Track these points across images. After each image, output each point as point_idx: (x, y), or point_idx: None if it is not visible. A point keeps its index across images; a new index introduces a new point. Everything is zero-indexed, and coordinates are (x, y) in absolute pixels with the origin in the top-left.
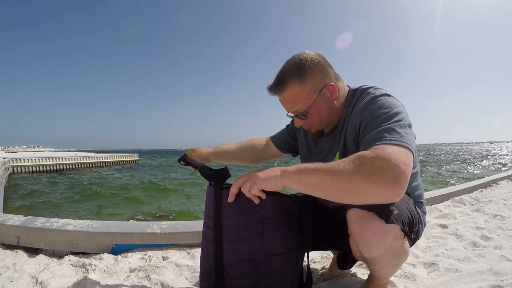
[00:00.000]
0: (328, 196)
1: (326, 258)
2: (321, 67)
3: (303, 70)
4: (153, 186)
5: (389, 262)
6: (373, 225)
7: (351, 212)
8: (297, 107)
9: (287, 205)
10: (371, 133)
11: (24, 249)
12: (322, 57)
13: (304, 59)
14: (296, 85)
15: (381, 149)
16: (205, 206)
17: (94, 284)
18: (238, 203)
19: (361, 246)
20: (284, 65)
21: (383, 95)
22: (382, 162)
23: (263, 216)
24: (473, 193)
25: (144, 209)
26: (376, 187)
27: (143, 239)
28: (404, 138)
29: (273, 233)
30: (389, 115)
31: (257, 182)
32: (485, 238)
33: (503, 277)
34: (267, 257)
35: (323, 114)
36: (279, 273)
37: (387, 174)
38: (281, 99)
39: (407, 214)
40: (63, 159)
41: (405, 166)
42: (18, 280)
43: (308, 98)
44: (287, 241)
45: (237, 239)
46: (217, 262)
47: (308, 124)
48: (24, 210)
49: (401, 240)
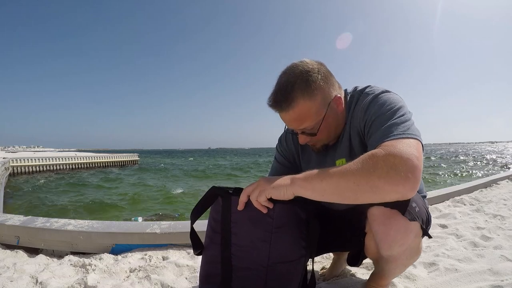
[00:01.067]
0: (346, 200)
1: (326, 258)
2: (327, 78)
3: (311, 83)
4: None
5: (405, 261)
6: (397, 223)
7: (374, 210)
8: (306, 125)
9: (296, 212)
10: (378, 132)
11: (24, 249)
12: (325, 66)
13: (311, 71)
14: (305, 101)
15: (391, 146)
16: (212, 210)
17: (94, 284)
18: (247, 211)
19: (384, 244)
20: (286, 77)
21: (383, 92)
22: (394, 159)
23: (272, 225)
24: (473, 193)
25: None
26: (393, 184)
27: (143, 239)
28: (410, 130)
29: (282, 242)
30: (392, 111)
31: (265, 190)
32: (485, 238)
33: (503, 277)
34: (276, 264)
35: (331, 128)
36: (288, 278)
37: (402, 170)
38: (286, 116)
39: (425, 212)
40: (63, 159)
41: (417, 158)
42: (18, 280)
43: (318, 114)
44: (296, 249)
45: (246, 245)
46: (225, 265)
47: (314, 141)
48: (24, 210)
49: (419, 239)
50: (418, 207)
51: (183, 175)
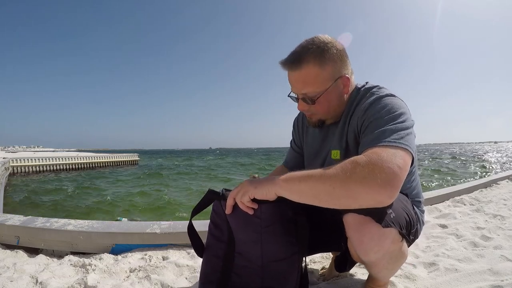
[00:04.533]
0: (322, 203)
1: (326, 258)
2: (342, 56)
3: (326, 52)
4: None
5: (387, 266)
6: (370, 230)
7: (347, 217)
8: (308, 90)
9: (283, 211)
10: (372, 134)
11: (24, 249)
12: (344, 47)
13: (330, 43)
14: (315, 65)
15: (376, 153)
16: (214, 208)
17: (94, 284)
18: (235, 214)
19: (359, 251)
20: (306, 42)
21: (387, 95)
22: (374, 166)
23: (260, 225)
24: (473, 193)
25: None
26: (369, 190)
27: (143, 239)
28: (403, 140)
29: (272, 241)
30: (391, 116)
31: (248, 191)
32: (485, 238)
33: (503, 277)
34: (270, 262)
35: (331, 104)
36: (284, 276)
37: (379, 177)
38: (293, 76)
39: (405, 216)
40: (63, 159)
41: (399, 168)
42: (18, 280)
43: (323, 83)
44: (288, 246)
45: (241, 245)
46: (226, 263)
47: (312, 111)
48: (24, 210)
49: (399, 243)
50: (394, 213)
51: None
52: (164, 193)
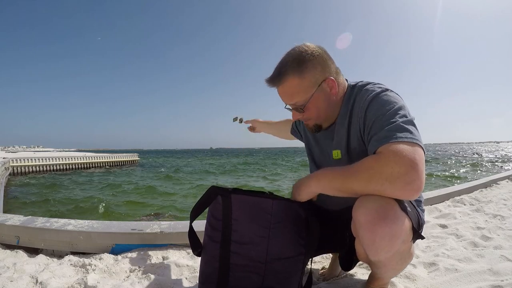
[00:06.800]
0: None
1: (326, 258)
2: (321, 60)
3: (302, 62)
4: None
5: (395, 266)
6: (382, 230)
7: (359, 216)
8: (295, 100)
9: (295, 210)
10: (380, 132)
11: (24, 249)
12: (323, 50)
13: (304, 52)
14: (294, 77)
15: (394, 151)
16: (210, 209)
17: (94, 284)
18: (247, 208)
19: (369, 251)
20: (284, 57)
21: (384, 91)
22: (398, 166)
23: (270, 221)
24: (473, 193)
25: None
26: (399, 191)
27: (143, 239)
28: (413, 135)
29: (280, 237)
30: (393, 112)
31: (296, 199)
32: (485, 238)
33: (503, 277)
34: (274, 260)
35: (321, 108)
36: (285, 276)
37: (404, 173)
38: (279, 91)
39: (415, 213)
40: (63, 159)
41: (421, 163)
42: (18, 280)
43: (306, 91)
44: (295, 246)
45: (245, 242)
46: (222, 263)
47: (305, 118)
48: (24, 210)
49: (409, 244)
50: (409, 208)
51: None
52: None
